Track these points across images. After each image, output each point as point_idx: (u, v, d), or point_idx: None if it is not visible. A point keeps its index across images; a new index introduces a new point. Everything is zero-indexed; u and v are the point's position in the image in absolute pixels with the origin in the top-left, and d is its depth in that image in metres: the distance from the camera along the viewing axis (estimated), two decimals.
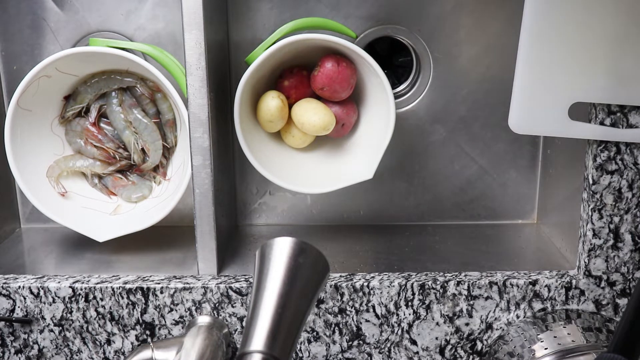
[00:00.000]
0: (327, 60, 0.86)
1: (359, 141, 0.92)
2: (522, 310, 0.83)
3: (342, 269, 0.86)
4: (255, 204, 1.01)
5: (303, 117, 0.87)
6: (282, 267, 0.54)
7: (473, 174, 0.99)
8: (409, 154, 0.98)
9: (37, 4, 0.94)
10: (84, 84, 0.92)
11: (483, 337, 0.84)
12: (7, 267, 0.88)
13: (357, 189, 0.90)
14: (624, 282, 0.82)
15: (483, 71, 0.96)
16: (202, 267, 0.85)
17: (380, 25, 0.94)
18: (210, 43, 0.81)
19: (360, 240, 0.96)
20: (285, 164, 0.91)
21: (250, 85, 0.85)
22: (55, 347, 0.84)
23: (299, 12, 0.93)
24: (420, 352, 0.84)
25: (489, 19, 0.94)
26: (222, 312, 0.83)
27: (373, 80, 0.87)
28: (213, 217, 0.83)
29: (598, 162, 0.79)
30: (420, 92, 0.96)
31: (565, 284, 0.82)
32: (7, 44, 0.95)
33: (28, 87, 0.86)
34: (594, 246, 0.81)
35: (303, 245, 0.55)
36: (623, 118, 0.77)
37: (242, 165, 0.96)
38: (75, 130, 0.94)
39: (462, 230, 1.00)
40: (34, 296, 0.82)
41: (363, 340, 0.84)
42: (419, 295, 0.82)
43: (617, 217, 0.80)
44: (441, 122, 0.97)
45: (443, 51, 0.95)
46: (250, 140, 0.87)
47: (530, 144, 0.98)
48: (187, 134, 0.82)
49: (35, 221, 1.02)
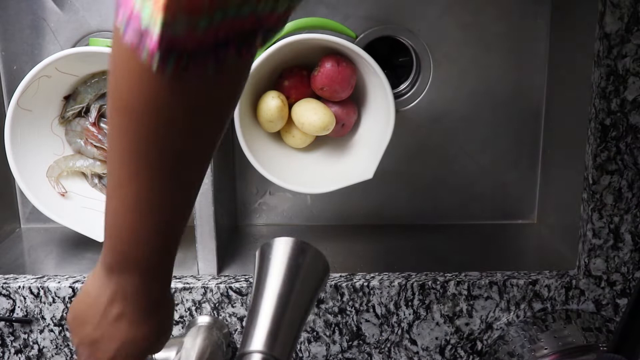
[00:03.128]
0: (327, 60, 0.86)
1: (359, 141, 0.92)
2: (522, 310, 0.83)
3: (342, 269, 0.86)
4: (256, 204, 1.01)
5: (303, 117, 0.87)
6: (282, 267, 0.54)
7: (473, 174, 0.99)
8: (409, 154, 0.98)
9: (37, 4, 0.94)
10: (84, 84, 0.92)
11: (483, 337, 0.84)
12: (7, 267, 0.88)
13: (357, 189, 0.90)
14: (624, 282, 0.82)
15: (483, 71, 0.96)
16: (202, 267, 0.85)
17: (380, 25, 0.94)
18: None
19: (360, 240, 0.96)
20: (285, 164, 0.91)
21: (250, 85, 0.85)
22: (55, 347, 0.84)
23: (299, 12, 0.93)
24: (420, 352, 0.84)
25: (489, 19, 0.94)
26: (222, 312, 0.83)
27: (373, 80, 0.87)
28: (213, 217, 0.83)
29: (598, 162, 0.79)
30: (420, 92, 0.96)
31: (565, 284, 0.82)
32: (7, 44, 0.95)
33: (28, 87, 0.86)
34: (594, 246, 0.81)
35: (303, 245, 0.56)
36: (623, 118, 0.77)
37: (242, 165, 0.96)
38: (75, 130, 0.94)
39: (462, 230, 1.00)
40: (34, 296, 0.82)
41: (363, 340, 0.84)
42: (419, 295, 0.82)
43: (617, 217, 0.80)
44: (441, 122, 0.97)
45: (443, 51, 0.95)
46: (250, 140, 0.87)
47: (530, 144, 0.98)
48: None
49: (35, 221, 1.02)
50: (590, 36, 0.78)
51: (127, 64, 0.45)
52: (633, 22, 0.75)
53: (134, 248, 0.53)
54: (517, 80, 0.96)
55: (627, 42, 0.75)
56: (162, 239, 0.54)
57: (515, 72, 0.96)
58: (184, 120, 0.48)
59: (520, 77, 0.96)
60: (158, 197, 0.51)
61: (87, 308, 0.57)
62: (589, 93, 0.79)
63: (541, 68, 0.95)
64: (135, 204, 0.51)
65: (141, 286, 0.55)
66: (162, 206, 0.52)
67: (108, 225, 0.54)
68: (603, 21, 0.75)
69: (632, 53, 0.75)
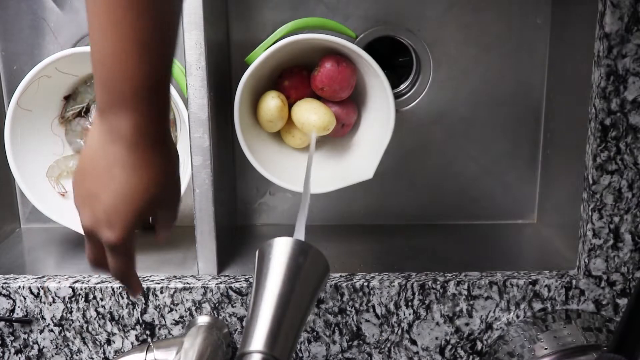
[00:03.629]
0: (327, 60, 0.86)
1: (359, 141, 0.92)
2: (522, 310, 0.83)
3: (342, 269, 0.86)
4: (256, 204, 1.01)
5: (303, 117, 0.87)
6: (282, 267, 0.54)
7: (473, 174, 0.99)
8: (409, 154, 0.98)
9: (37, 4, 0.94)
10: (84, 84, 0.92)
11: (483, 337, 0.84)
12: (7, 267, 0.88)
13: (357, 189, 0.90)
14: (624, 282, 0.82)
15: (483, 71, 0.96)
16: (202, 267, 0.85)
17: (380, 25, 0.94)
18: (210, 43, 0.81)
19: (360, 240, 0.96)
20: (285, 164, 0.91)
21: (250, 85, 0.85)
22: (55, 347, 0.84)
23: (299, 12, 0.93)
24: (420, 352, 0.84)
25: (489, 19, 0.94)
26: (222, 312, 0.83)
27: (373, 80, 0.87)
28: (213, 217, 0.83)
29: (598, 162, 0.79)
30: (420, 92, 0.96)
31: (565, 284, 0.82)
32: (7, 44, 0.95)
33: (28, 87, 0.86)
34: (594, 246, 0.81)
35: (303, 245, 0.56)
36: (623, 118, 0.77)
37: (242, 165, 0.96)
38: (75, 130, 0.94)
39: (462, 230, 1.00)
40: (34, 296, 0.82)
41: (363, 340, 0.84)
42: (419, 295, 0.82)
43: (617, 217, 0.80)
44: (441, 122, 0.97)
45: (443, 51, 0.95)
46: (250, 140, 0.87)
47: (530, 144, 0.98)
48: (187, 134, 0.82)
49: (35, 221, 1.02)
50: (590, 36, 0.78)
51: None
52: (633, 22, 0.75)
53: (121, 82, 0.52)
54: (517, 80, 0.96)
55: (627, 42, 0.75)
56: (148, 72, 0.53)
57: (515, 72, 0.96)
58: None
59: (520, 77, 0.96)
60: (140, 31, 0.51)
61: (86, 162, 0.55)
62: (589, 93, 0.79)
63: (541, 68, 0.95)
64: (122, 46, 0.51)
65: (135, 125, 0.53)
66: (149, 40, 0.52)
67: (95, 65, 0.53)
68: (603, 21, 0.75)
69: (632, 53, 0.75)
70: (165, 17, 0.53)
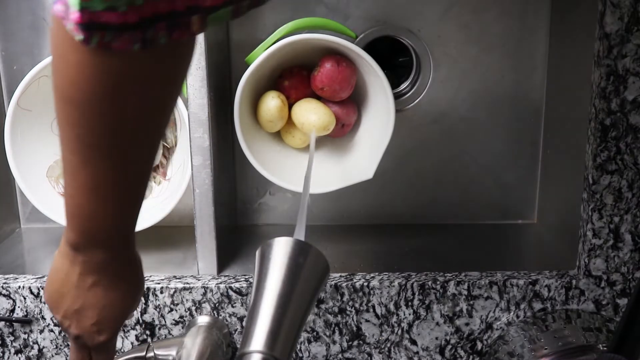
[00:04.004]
0: (327, 60, 0.86)
1: (359, 141, 0.92)
2: (522, 310, 0.83)
3: (342, 269, 0.86)
4: (256, 204, 1.01)
5: (303, 117, 0.87)
6: (282, 267, 0.54)
7: (473, 174, 0.99)
8: (409, 154, 0.98)
9: (37, 4, 0.94)
10: None
11: (483, 337, 0.84)
12: (7, 267, 0.88)
13: (357, 189, 0.90)
14: (624, 282, 0.82)
15: (483, 71, 0.96)
16: (202, 267, 0.85)
17: (380, 25, 0.94)
18: (210, 43, 0.81)
19: (360, 240, 0.96)
20: (285, 164, 0.91)
21: (250, 85, 0.85)
22: (55, 347, 0.84)
23: (299, 12, 0.93)
24: (420, 352, 0.84)
25: (489, 19, 0.94)
26: (222, 312, 0.83)
27: (373, 80, 0.87)
28: (213, 217, 0.83)
29: (598, 162, 0.79)
30: (420, 92, 0.96)
31: (565, 284, 0.82)
32: (7, 44, 0.95)
33: (28, 87, 0.86)
34: (594, 246, 0.81)
35: (303, 245, 0.55)
36: (623, 118, 0.77)
37: (242, 165, 0.96)
38: None
39: (462, 230, 1.00)
40: (34, 296, 0.82)
41: (363, 340, 0.84)
42: (419, 295, 0.82)
43: (617, 217, 0.80)
44: (441, 122, 0.97)
45: (443, 51, 0.95)
46: (250, 140, 0.87)
47: (530, 144, 0.98)
48: (187, 134, 0.82)
49: (35, 221, 1.02)
50: (590, 36, 0.78)
51: (57, 34, 0.45)
52: (633, 22, 0.75)
53: (95, 228, 0.55)
54: (517, 80, 0.96)
55: (627, 42, 0.75)
56: (122, 215, 0.55)
57: (515, 72, 0.96)
58: (113, 98, 0.47)
59: (520, 77, 0.96)
60: (111, 179, 0.52)
61: (61, 284, 0.59)
62: (589, 93, 0.79)
63: (541, 68, 0.95)
64: (91, 188, 0.52)
65: (108, 258, 0.57)
66: (118, 186, 0.52)
67: (68, 206, 0.54)
68: (603, 21, 0.75)
69: (632, 53, 0.75)
70: (134, 166, 0.53)
